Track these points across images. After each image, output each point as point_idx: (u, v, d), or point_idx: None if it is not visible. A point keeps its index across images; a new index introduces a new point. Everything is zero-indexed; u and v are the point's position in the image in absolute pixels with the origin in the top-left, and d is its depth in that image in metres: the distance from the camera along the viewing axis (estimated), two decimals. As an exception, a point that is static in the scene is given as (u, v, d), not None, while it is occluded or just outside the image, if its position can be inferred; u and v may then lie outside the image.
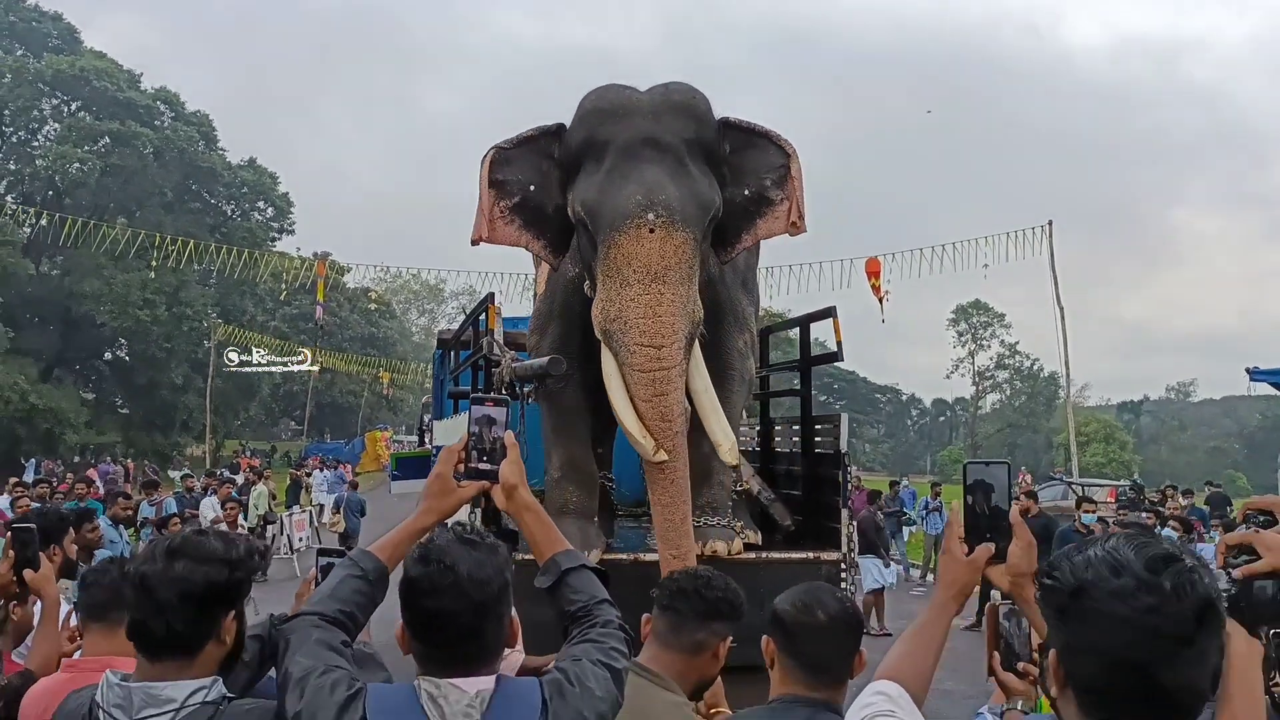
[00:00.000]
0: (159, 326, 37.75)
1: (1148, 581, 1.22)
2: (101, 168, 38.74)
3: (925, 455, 73.66)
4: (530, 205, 4.82)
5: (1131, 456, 55.73)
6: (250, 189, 44.71)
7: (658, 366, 4.29)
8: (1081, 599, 1.24)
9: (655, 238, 4.23)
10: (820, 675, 2.08)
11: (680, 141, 4.51)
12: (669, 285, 4.28)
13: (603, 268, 4.38)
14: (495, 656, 1.76)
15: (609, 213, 4.34)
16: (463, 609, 1.68)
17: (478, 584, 1.69)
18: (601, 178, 4.45)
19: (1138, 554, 1.25)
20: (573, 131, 4.68)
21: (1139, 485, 17.69)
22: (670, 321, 4.27)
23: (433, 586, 1.70)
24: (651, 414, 4.31)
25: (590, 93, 4.71)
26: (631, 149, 4.45)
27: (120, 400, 44.13)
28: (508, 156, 4.79)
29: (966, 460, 2.00)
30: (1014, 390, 69.96)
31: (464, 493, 2.00)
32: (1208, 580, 1.25)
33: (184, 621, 1.80)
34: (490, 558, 1.74)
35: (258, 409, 48.52)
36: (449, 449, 2.04)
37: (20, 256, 36.19)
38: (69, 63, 39.54)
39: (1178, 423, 77.09)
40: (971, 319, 68.43)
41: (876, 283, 17.99)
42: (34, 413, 33.75)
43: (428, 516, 1.99)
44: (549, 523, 2.01)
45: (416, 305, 70.00)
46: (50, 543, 3.64)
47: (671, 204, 4.29)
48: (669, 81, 4.75)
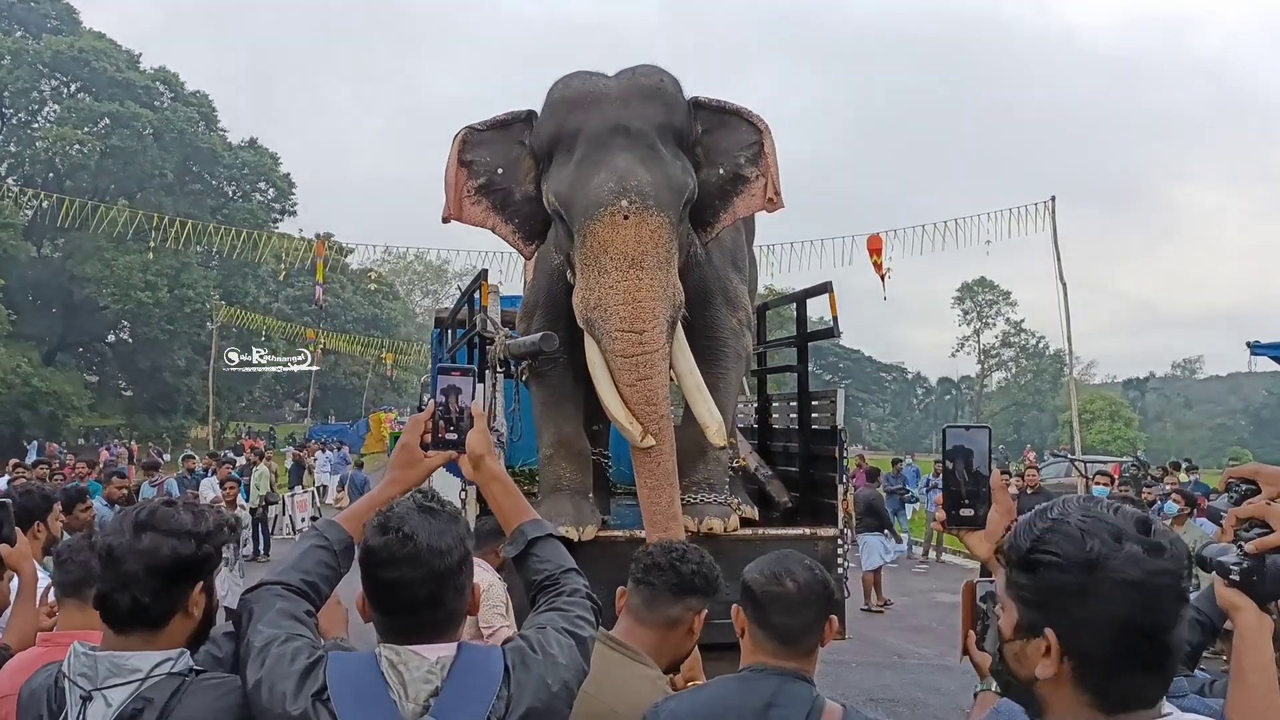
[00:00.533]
0: (161, 309, 37.83)
1: (1151, 544, 1.22)
2: (101, 149, 38.72)
3: (931, 434, 73.65)
4: (496, 188, 4.83)
5: (1137, 434, 55.71)
6: (251, 170, 44.68)
7: (640, 351, 4.30)
8: (1095, 571, 1.21)
9: (630, 224, 4.23)
10: (790, 644, 2.05)
11: (650, 126, 4.49)
12: (647, 270, 4.27)
13: (580, 257, 4.39)
14: (456, 625, 1.75)
15: (582, 202, 4.33)
16: (422, 578, 1.67)
17: (437, 553, 1.68)
18: (573, 168, 4.45)
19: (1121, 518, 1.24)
20: (542, 122, 4.67)
21: (1142, 462, 17.65)
22: (650, 306, 4.27)
23: (391, 556, 1.68)
24: (636, 399, 4.32)
25: (557, 82, 4.71)
26: (601, 137, 4.43)
27: (123, 383, 44.27)
28: (480, 139, 4.80)
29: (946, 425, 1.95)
30: (1020, 368, 69.94)
31: (430, 462, 1.99)
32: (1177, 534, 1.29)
33: (150, 594, 1.79)
34: (450, 526, 1.72)
35: (261, 391, 48.64)
36: (415, 419, 2.03)
37: (21, 239, 36.20)
38: (68, 44, 39.49)
39: (1183, 399, 77.09)
40: (977, 296, 68.36)
41: (878, 260, 17.88)
42: (37, 396, 33.88)
43: (394, 487, 1.97)
44: (516, 492, 2.01)
45: (420, 286, 69.98)
46: (35, 520, 3.65)
47: (644, 189, 4.28)
48: (636, 65, 4.72)
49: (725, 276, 5.45)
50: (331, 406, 57.68)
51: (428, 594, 1.68)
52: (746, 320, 5.64)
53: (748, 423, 7.62)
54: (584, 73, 4.71)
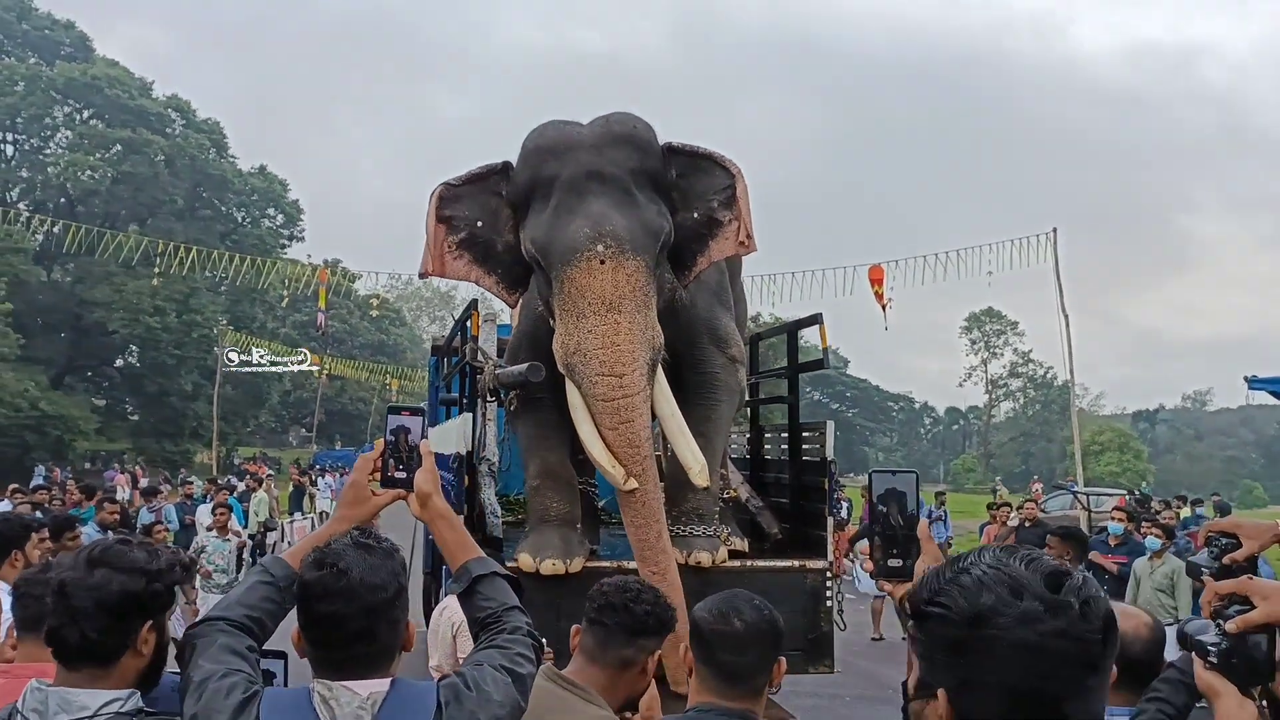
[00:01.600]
0: (169, 334, 38.00)
1: (1054, 602, 1.09)
2: (113, 175, 39.09)
3: (939, 464, 73.43)
4: (478, 241, 4.86)
5: (1146, 466, 55.40)
6: (260, 196, 45.02)
7: (620, 394, 4.31)
8: (982, 628, 1.09)
9: (607, 269, 4.26)
10: (736, 684, 2.03)
11: (625, 172, 4.53)
12: (625, 314, 4.29)
13: (559, 303, 4.42)
14: (390, 659, 1.77)
15: (559, 248, 4.37)
16: (354, 612, 1.70)
17: (370, 588, 1.71)
18: (549, 215, 4.48)
19: (1032, 570, 1.12)
20: (518, 171, 4.73)
21: (1144, 495, 17.53)
22: (629, 349, 4.29)
23: (325, 590, 1.71)
24: (619, 441, 4.35)
25: (532, 131, 4.76)
26: (576, 184, 4.47)
27: (130, 407, 44.38)
28: (456, 194, 4.83)
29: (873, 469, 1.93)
30: (1028, 399, 69.67)
31: (378, 501, 2.02)
32: (1104, 595, 1.14)
33: (98, 630, 1.81)
34: (385, 562, 1.75)
35: (267, 416, 48.69)
36: (364, 458, 2.06)
37: (32, 264, 36.46)
38: (81, 70, 39.94)
39: (1193, 431, 76.71)
40: (984, 326, 68.21)
41: (879, 290, 17.88)
42: (44, 420, 33.92)
43: (341, 524, 1.98)
44: (462, 530, 2.03)
45: (427, 312, 70.21)
46: (13, 549, 3.65)
47: (620, 234, 4.31)
48: (610, 113, 4.76)
49: (712, 315, 5.47)
50: (337, 432, 57.70)
51: (360, 628, 1.70)
52: (739, 355, 5.64)
53: (740, 453, 7.61)
54: (558, 121, 4.77)
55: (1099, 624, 1.11)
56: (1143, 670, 2.23)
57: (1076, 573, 1.14)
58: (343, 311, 50.68)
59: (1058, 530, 6.51)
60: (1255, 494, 59.01)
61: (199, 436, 40.95)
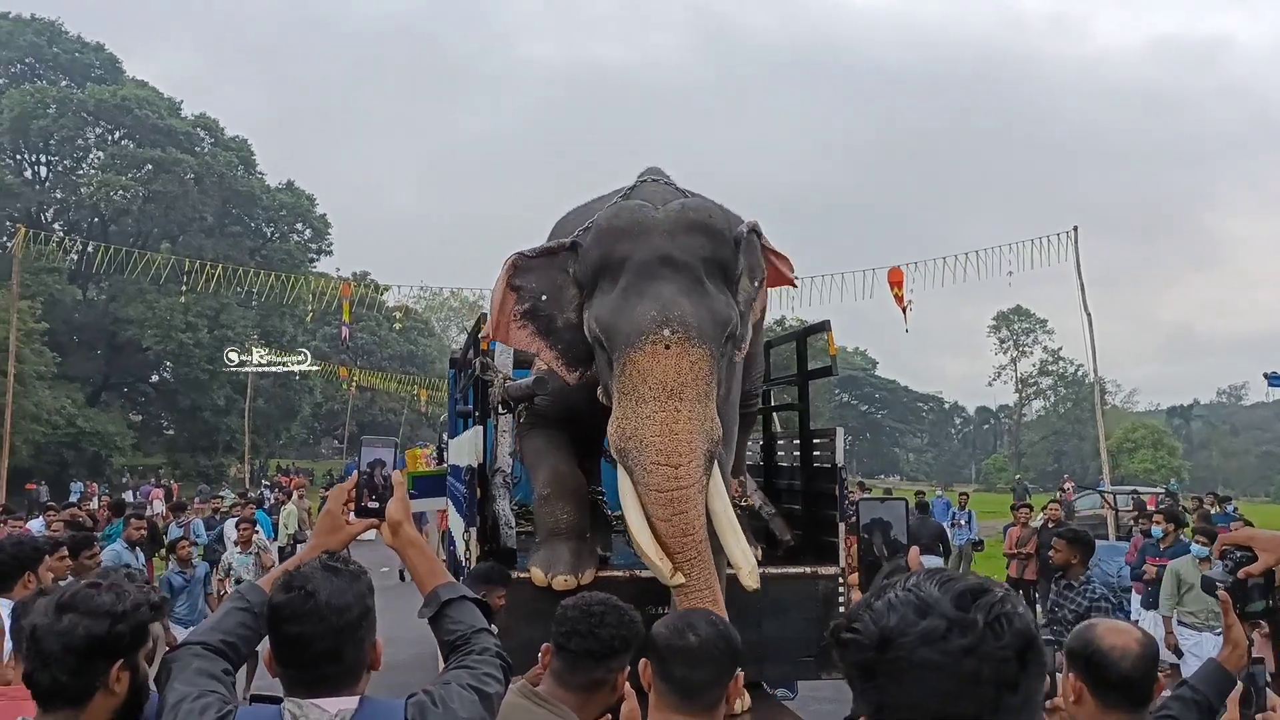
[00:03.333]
0: (201, 349, 38.50)
1: (958, 620, 1.06)
2: (144, 194, 39.70)
3: (970, 464, 72.85)
4: (540, 315, 4.77)
5: (1180, 462, 54.64)
6: (289, 211, 45.49)
7: (675, 486, 4.15)
8: (887, 650, 1.08)
9: (671, 354, 4.15)
10: (691, 698, 2.07)
11: (696, 260, 4.43)
12: (685, 402, 4.16)
13: (618, 385, 4.28)
14: (357, 678, 1.84)
15: (624, 330, 4.25)
16: (321, 633, 1.78)
17: (336, 610, 1.79)
18: (616, 296, 4.37)
19: (944, 590, 1.10)
20: (589, 250, 4.59)
21: (1172, 492, 17.34)
22: (687, 439, 4.14)
23: (294, 612, 1.79)
24: (670, 532, 4.16)
25: (606, 211, 4.67)
26: (647, 267, 4.36)
27: (165, 422, 44.95)
28: (528, 264, 4.76)
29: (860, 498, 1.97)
30: (1058, 397, 68.95)
31: (351, 529, 2.11)
32: (1023, 611, 1.10)
33: (68, 672, 1.87)
34: (351, 585, 1.84)
35: (299, 428, 49.13)
36: (339, 488, 2.15)
37: (66, 283, 37.05)
38: (111, 92, 40.59)
39: (1229, 427, 75.57)
40: (1013, 325, 67.65)
41: (899, 292, 17.82)
42: (81, 436, 34.52)
43: (315, 553, 2.05)
44: (432, 556, 2.11)
45: (456, 322, 70.55)
46: (25, 570, 3.74)
47: (687, 320, 4.20)
48: (686, 198, 4.73)
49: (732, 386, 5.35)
50: (369, 443, 58.13)
51: (327, 649, 1.78)
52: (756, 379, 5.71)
53: (754, 460, 7.64)
54: (634, 204, 4.71)
55: (1011, 641, 1.06)
56: (1134, 686, 2.23)
57: (996, 591, 1.11)
58: (371, 323, 51.06)
59: (1064, 533, 6.44)
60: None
61: (232, 450, 41.41)
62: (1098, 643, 2.29)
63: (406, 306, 44.00)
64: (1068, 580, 5.93)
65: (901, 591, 1.12)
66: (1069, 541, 6.08)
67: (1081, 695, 2.28)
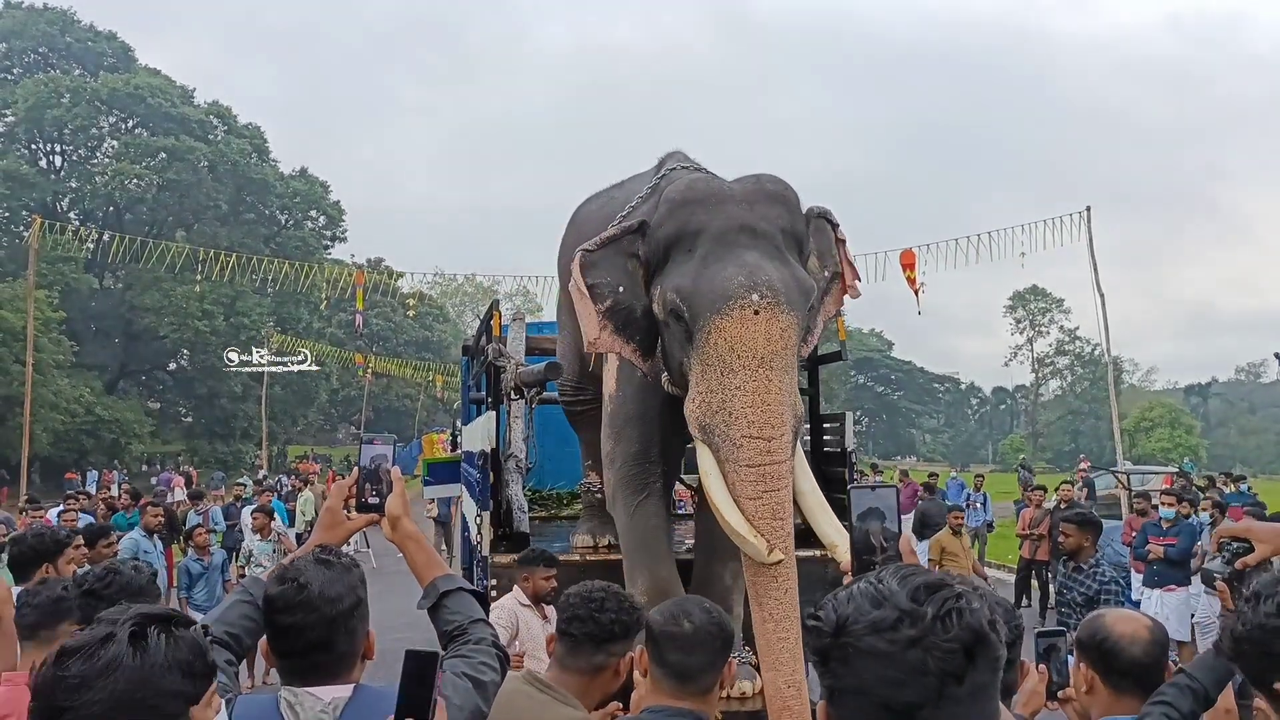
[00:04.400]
0: (218, 336, 38.71)
1: (910, 612, 1.11)
2: (159, 183, 39.88)
3: (986, 444, 72.71)
4: (621, 309, 4.50)
5: (1198, 440, 54.38)
6: (302, 199, 45.62)
7: (768, 460, 3.90)
8: (841, 637, 1.13)
9: (761, 319, 3.93)
10: (686, 683, 2.11)
11: (776, 229, 4.28)
12: (776, 371, 3.94)
13: (700, 356, 4.04)
14: (350, 666, 1.90)
15: (709, 295, 4.02)
16: (314, 623, 1.83)
17: (328, 600, 1.84)
18: (696, 264, 4.17)
19: (903, 584, 1.15)
20: (661, 225, 4.38)
21: (1184, 472, 17.30)
22: (779, 410, 3.92)
23: (286, 603, 1.85)
24: (762, 512, 3.88)
25: (675, 184, 4.48)
26: (727, 235, 4.19)
27: (183, 410, 45.28)
28: (594, 259, 4.49)
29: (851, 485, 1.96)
30: (1075, 376, 68.65)
31: (352, 525, 2.18)
32: (977, 607, 1.13)
33: None
34: (343, 576, 1.89)
35: (316, 414, 49.42)
36: (340, 484, 2.21)
37: (82, 272, 37.32)
38: (124, 81, 40.74)
39: (1247, 405, 75.11)
40: (1029, 305, 67.35)
41: (912, 274, 17.72)
42: (100, 424, 34.80)
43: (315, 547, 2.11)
44: (430, 550, 2.16)
45: (472, 308, 70.67)
46: (44, 562, 3.81)
47: (775, 285, 3.99)
48: (758, 173, 4.52)
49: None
50: (385, 428, 58.35)
51: (319, 638, 1.84)
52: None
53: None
54: (705, 175, 4.60)
55: (959, 634, 1.10)
56: (1144, 673, 2.26)
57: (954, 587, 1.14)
58: (386, 309, 51.24)
59: (1073, 517, 6.38)
60: (1314, 468, 57.79)
61: (250, 437, 41.70)
62: (1108, 631, 2.32)
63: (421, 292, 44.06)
64: (1076, 563, 5.88)
65: (867, 584, 1.17)
66: (1078, 525, 6.04)
67: (1094, 684, 2.31)
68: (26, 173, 39.49)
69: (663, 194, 4.50)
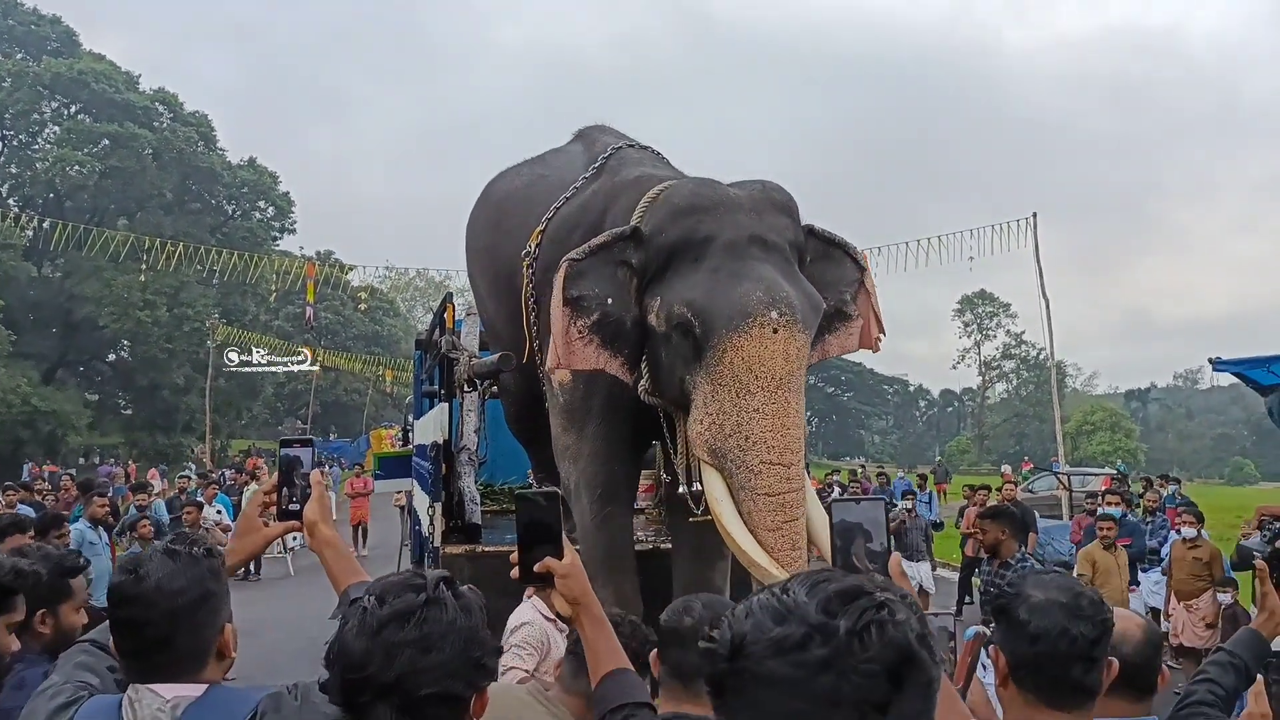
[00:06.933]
0: (159, 328, 37.93)
1: (820, 627, 0.91)
2: (101, 170, 38.96)
3: (934, 446, 73.64)
4: (610, 321, 4.22)
5: (1137, 444, 55.58)
6: (250, 189, 44.85)
7: (788, 488, 3.75)
8: (736, 659, 0.94)
9: (780, 338, 3.75)
10: (688, 684, 2.04)
11: (784, 241, 4.13)
12: (793, 393, 3.80)
13: (712, 376, 3.83)
14: (198, 666, 1.76)
15: (726, 312, 3.80)
16: (152, 618, 1.70)
17: (167, 594, 1.71)
18: (706, 276, 3.94)
19: (812, 593, 0.94)
20: (662, 231, 4.13)
21: (1121, 473, 17.72)
22: (797, 435, 3.80)
23: (123, 596, 1.73)
24: (781, 543, 3.71)
25: (676, 189, 4.27)
26: (737, 246, 3.98)
27: (123, 402, 44.35)
28: (581, 269, 4.19)
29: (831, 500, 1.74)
30: (1020, 380, 69.82)
31: (268, 532, 2.07)
32: (903, 618, 0.93)
33: None
34: (188, 568, 1.75)
35: (261, 408, 48.69)
36: (259, 491, 2.11)
37: (21, 260, 36.39)
38: (68, 65, 39.76)
39: (1185, 410, 76.99)
40: (977, 309, 68.33)
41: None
42: (36, 415, 33.90)
43: (232, 556, 2.07)
44: (347, 555, 2.05)
45: (422, 303, 70.12)
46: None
47: (793, 302, 3.83)
48: (762, 180, 4.37)
49: None
50: (332, 423, 57.69)
51: (157, 635, 1.71)
52: None
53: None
54: (709, 180, 4.35)
55: (880, 654, 0.90)
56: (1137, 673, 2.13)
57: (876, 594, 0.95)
58: (335, 303, 50.61)
59: (986, 512, 6.36)
60: (1246, 471, 59.36)
61: (192, 430, 40.95)
62: None
63: (372, 286, 43.66)
64: (1002, 559, 5.77)
65: (769, 595, 0.97)
66: (993, 519, 5.97)
67: None
68: (-36, 157, 38.49)
69: (661, 199, 4.26)
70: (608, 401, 4.65)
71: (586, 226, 4.63)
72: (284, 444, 2.10)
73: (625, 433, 4.69)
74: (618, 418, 4.65)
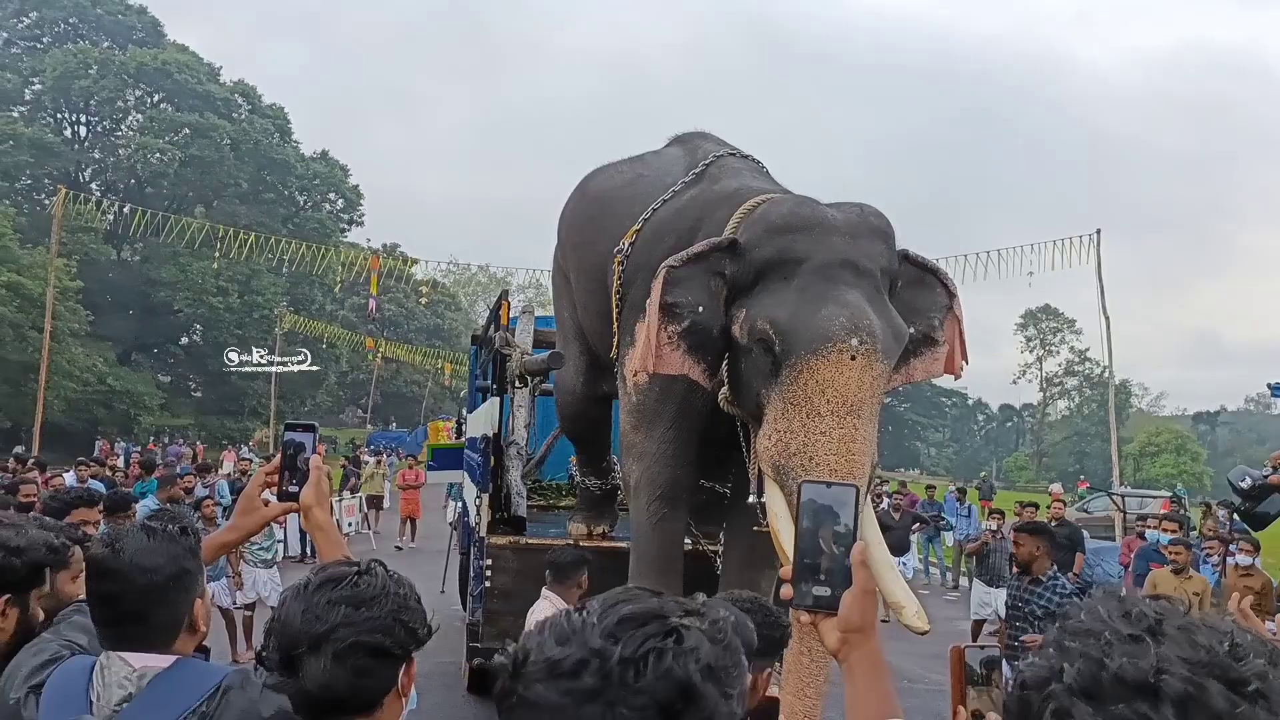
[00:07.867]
0: (231, 314, 39.04)
1: (598, 651, 0.84)
2: (181, 158, 40.14)
3: (991, 461, 72.58)
4: (699, 329, 4.27)
5: (1203, 468, 54.19)
6: (322, 181, 45.85)
7: None
8: (514, 680, 0.87)
9: (856, 365, 3.78)
10: None
11: (877, 268, 4.14)
12: (863, 420, 3.83)
13: (786, 394, 3.88)
14: (170, 638, 1.83)
15: (807, 334, 3.85)
16: (125, 591, 1.78)
17: (142, 570, 1.78)
18: (794, 295, 3.99)
19: (610, 612, 0.89)
20: (758, 246, 4.17)
21: (1177, 496, 17.40)
22: (862, 461, 3.82)
23: (99, 569, 1.81)
24: None
25: (774, 205, 4.32)
26: (829, 269, 4.01)
27: (194, 384, 45.58)
28: (678, 276, 4.24)
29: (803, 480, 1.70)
30: (1083, 398, 68.53)
31: (268, 512, 2.14)
32: (694, 646, 0.87)
33: None
34: (165, 546, 1.83)
35: (324, 396, 49.67)
36: (261, 471, 2.18)
37: (102, 243, 37.63)
38: (152, 55, 41.03)
39: (1255, 435, 74.80)
40: (1041, 324, 67.23)
41: (919, 290, 17.91)
42: (112, 395, 35.16)
43: (231, 533, 2.19)
44: (337, 541, 2.08)
45: (484, 298, 70.83)
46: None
47: (875, 330, 3.85)
48: (859, 203, 4.35)
49: None
50: (392, 413, 58.67)
51: (131, 607, 1.78)
52: None
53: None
54: (808, 200, 4.36)
55: (651, 686, 0.84)
56: None
57: (674, 620, 0.89)
58: (399, 295, 51.47)
59: (1024, 526, 6.23)
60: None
61: (258, 414, 41.94)
62: None
63: (434, 280, 44.20)
64: (1033, 575, 5.66)
65: (567, 612, 0.92)
66: (1030, 534, 5.89)
67: None
68: (51, 142, 39.79)
69: (759, 213, 4.32)
70: (681, 407, 4.75)
71: (680, 232, 4.73)
72: (288, 428, 2.15)
73: (693, 440, 4.80)
74: (688, 424, 4.77)
